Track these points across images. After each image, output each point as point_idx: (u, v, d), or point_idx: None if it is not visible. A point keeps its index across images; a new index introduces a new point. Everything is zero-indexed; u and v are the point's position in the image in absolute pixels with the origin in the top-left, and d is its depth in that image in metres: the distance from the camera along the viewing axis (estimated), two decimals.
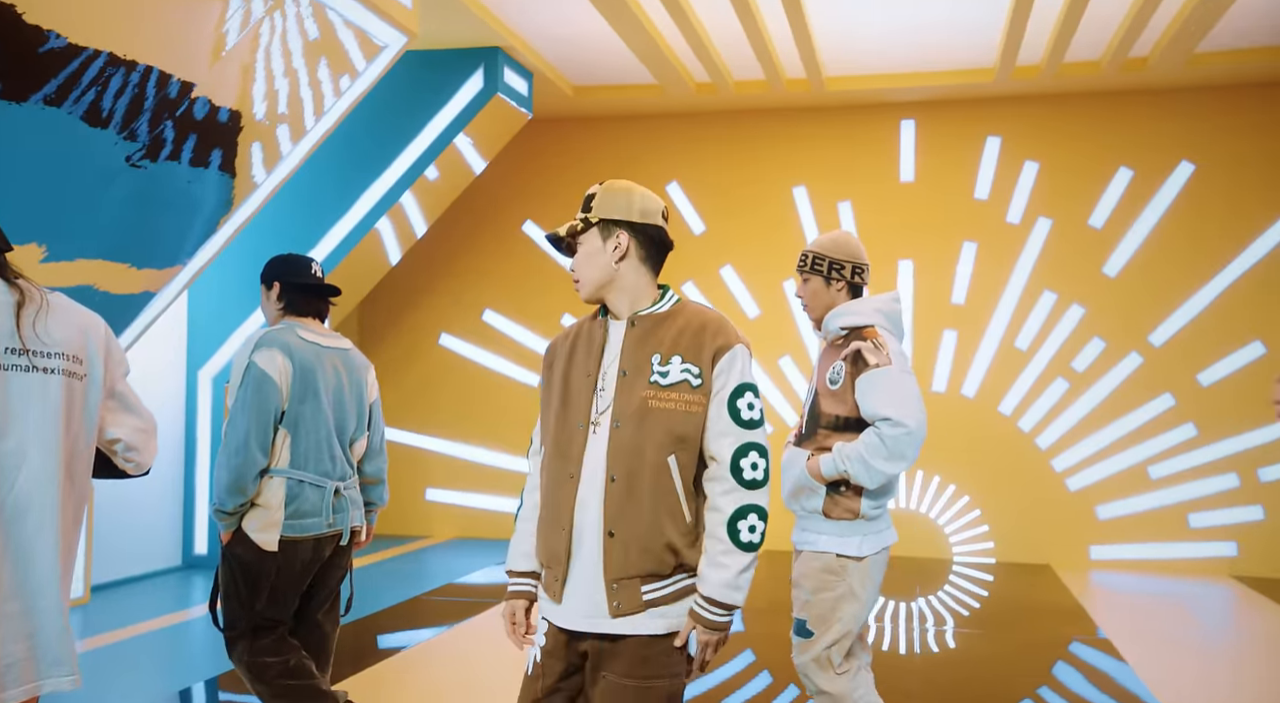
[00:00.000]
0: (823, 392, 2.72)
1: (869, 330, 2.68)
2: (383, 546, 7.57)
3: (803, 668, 2.72)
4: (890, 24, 6.13)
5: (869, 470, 2.59)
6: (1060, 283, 7.29)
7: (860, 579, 2.67)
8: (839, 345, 2.74)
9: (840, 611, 2.67)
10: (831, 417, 2.68)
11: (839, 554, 2.67)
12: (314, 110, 5.06)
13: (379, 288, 8.01)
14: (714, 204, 7.81)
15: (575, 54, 6.63)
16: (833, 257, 2.77)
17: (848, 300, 2.78)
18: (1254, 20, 5.92)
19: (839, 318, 2.74)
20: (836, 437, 2.67)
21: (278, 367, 2.80)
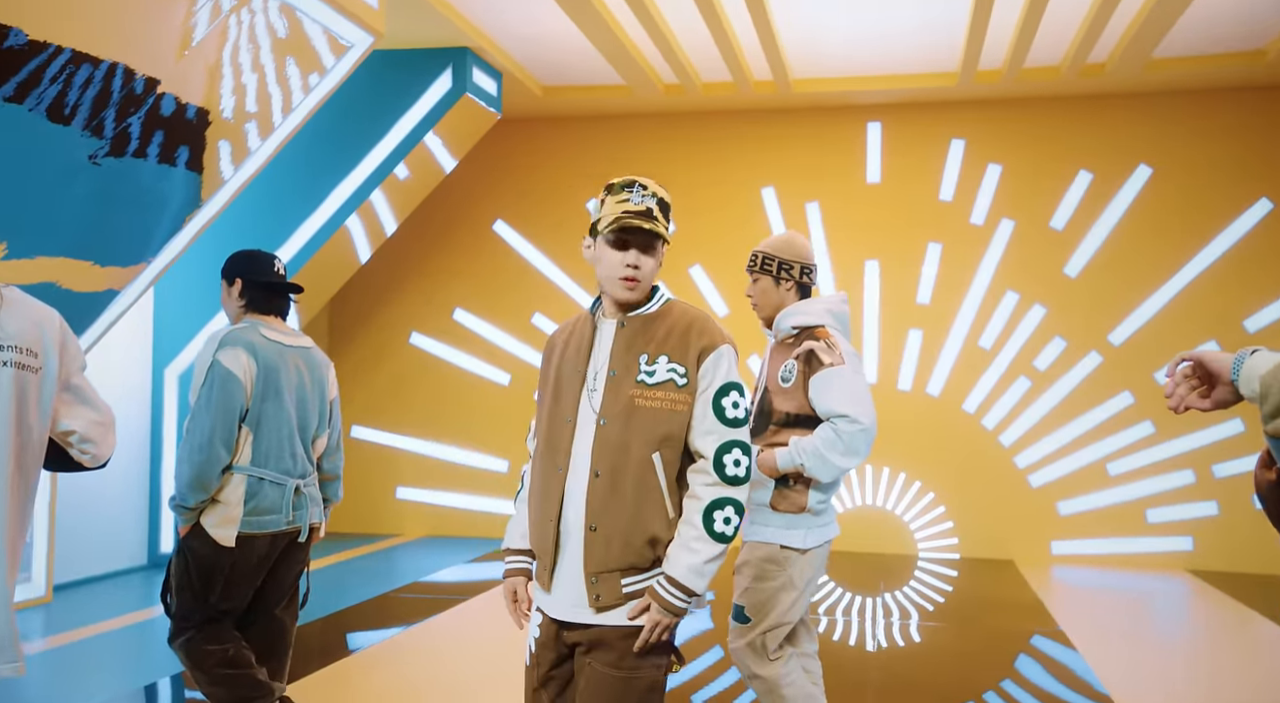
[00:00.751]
0: (774, 389, 2.79)
1: (820, 330, 2.77)
2: (353, 544, 7.57)
3: (737, 653, 2.80)
4: (855, 28, 6.22)
5: (825, 464, 2.65)
6: (1022, 283, 7.42)
7: (801, 571, 2.75)
8: (790, 344, 2.81)
9: (778, 600, 2.75)
10: (782, 413, 2.75)
11: (783, 545, 2.74)
12: (282, 107, 5.07)
13: (349, 286, 8.00)
14: (683, 204, 7.86)
15: (544, 54, 6.67)
16: (782, 257, 2.85)
17: (796, 300, 2.86)
18: (1205, 29, 6.07)
19: (791, 317, 2.82)
20: (786, 432, 2.74)
21: (242, 366, 2.82)
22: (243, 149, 5.16)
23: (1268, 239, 7.05)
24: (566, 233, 7.99)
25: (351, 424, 8.17)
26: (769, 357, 2.90)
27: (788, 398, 2.75)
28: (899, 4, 5.80)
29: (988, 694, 4.07)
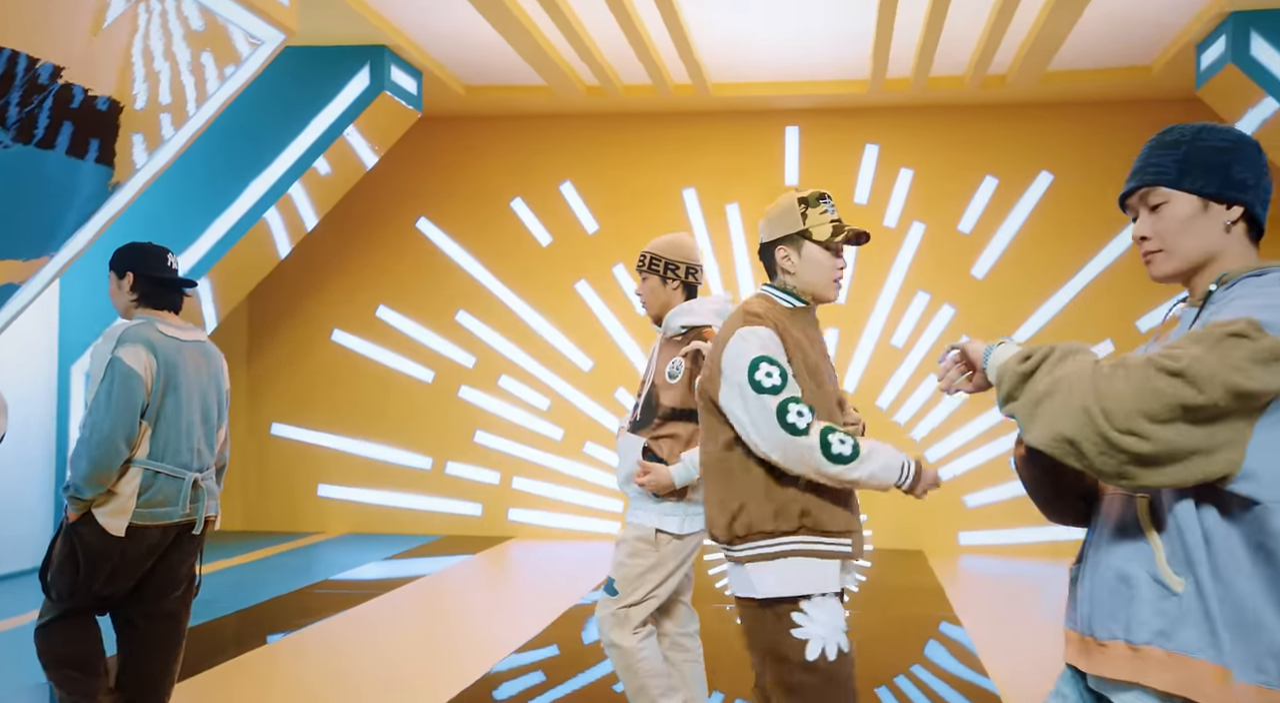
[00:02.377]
0: (660, 384, 2.94)
1: (707, 330, 2.93)
2: (273, 541, 7.50)
3: (602, 621, 2.95)
4: (771, 35, 6.41)
5: None
6: (933, 284, 7.70)
7: (673, 554, 2.91)
8: (678, 342, 2.97)
9: (646, 578, 2.91)
10: (668, 408, 2.91)
11: (658, 529, 2.91)
12: (196, 98, 5.04)
13: (270, 282, 7.93)
14: (607, 204, 7.99)
15: (464, 54, 6.72)
16: (668, 257, 3.00)
17: (683, 299, 3.02)
18: (1095, 44, 6.40)
19: (680, 317, 2.97)
20: (670, 425, 2.91)
21: (143, 363, 2.85)
22: (156, 139, 5.12)
23: None
24: (492, 231, 8.04)
25: (272, 422, 8.10)
26: (657, 352, 3.05)
27: (673, 393, 2.90)
28: (811, 13, 6.00)
29: (898, 679, 4.25)
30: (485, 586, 6.42)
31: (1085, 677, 1.48)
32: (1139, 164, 1.50)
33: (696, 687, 3.05)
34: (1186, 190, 1.45)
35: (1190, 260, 1.46)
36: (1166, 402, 1.26)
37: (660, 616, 3.09)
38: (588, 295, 7.97)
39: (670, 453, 2.92)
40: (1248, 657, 1.31)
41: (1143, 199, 1.49)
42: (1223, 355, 1.27)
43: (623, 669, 2.92)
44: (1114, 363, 1.32)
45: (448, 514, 8.02)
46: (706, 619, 5.16)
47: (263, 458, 8.11)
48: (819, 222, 2.22)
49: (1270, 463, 1.30)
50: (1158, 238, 1.47)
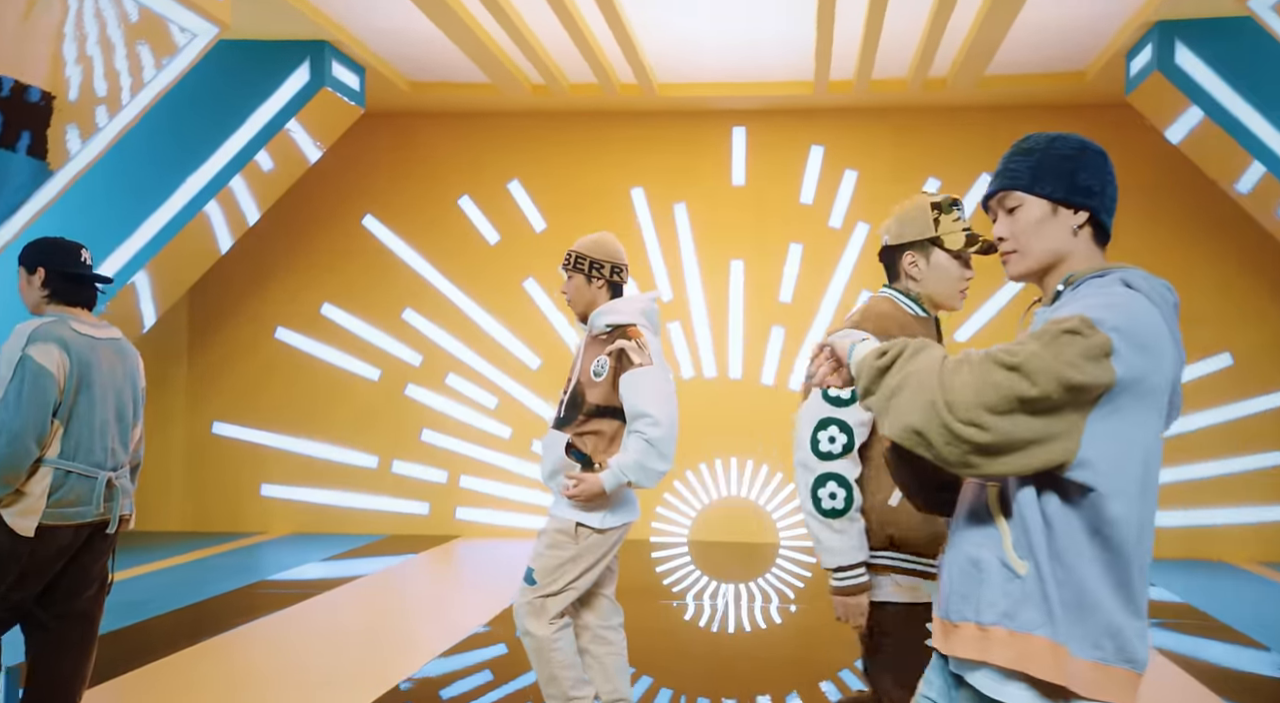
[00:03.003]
0: (585, 381, 2.98)
1: (632, 329, 2.96)
2: (213, 542, 7.40)
3: (518, 609, 2.98)
4: (716, 36, 6.46)
5: (648, 473, 2.90)
6: (877, 284, 7.76)
7: (593, 548, 2.95)
8: (603, 340, 3.00)
9: (565, 570, 2.94)
10: (592, 405, 2.95)
11: (579, 523, 2.94)
12: (131, 87, 4.97)
13: (211, 279, 7.81)
14: (555, 203, 8.00)
15: (408, 50, 6.69)
16: (593, 256, 3.04)
17: (608, 298, 3.05)
18: (1031, 50, 6.55)
19: (605, 316, 3.00)
20: (594, 422, 2.94)
21: (55, 361, 2.81)
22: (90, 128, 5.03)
23: None
24: (439, 229, 8.00)
25: (213, 421, 7.99)
26: (583, 350, 3.08)
27: (598, 391, 2.94)
28: (755, 15, 6.06)
29: (842, 673, 4.32)
30: (428, 584, 6.39)
31: (949, 660, 1.53)
32: (998, 169, 1.59)
33: (619, 679, 3.08)
34: (1038, 195, 1.53)
35: (1041, 261, 1.54)
36: (1004, 394, 1.33)
37: (582, 608, 3.11)
38: (536, 294, 7.97)
39: (594, 449, 2.96)
40: (1085, 635, 1.38)
41: (1000, 202, 1.57)
42: (1056, 351, 1.35)
43: (535, 658, 2.95)
44: (958, 358, 1.40)
45: (394, 513, 7.97)
46: (651, 615, 5.23)
47: (204, 458, 7.99)
48: (951, 229, 2.19)
49: (1104, 452, 1.37)
50: (1013, 239, 1.55)
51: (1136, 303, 1.42)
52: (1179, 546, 7.36)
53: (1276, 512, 7.29)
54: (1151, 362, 1.39)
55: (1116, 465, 1.37)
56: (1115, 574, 1.39)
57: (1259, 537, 7.30)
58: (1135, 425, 1.39)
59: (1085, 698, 1.38)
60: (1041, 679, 1.38)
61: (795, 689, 4.06)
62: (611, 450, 2.96)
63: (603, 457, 2.95)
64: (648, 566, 6.88)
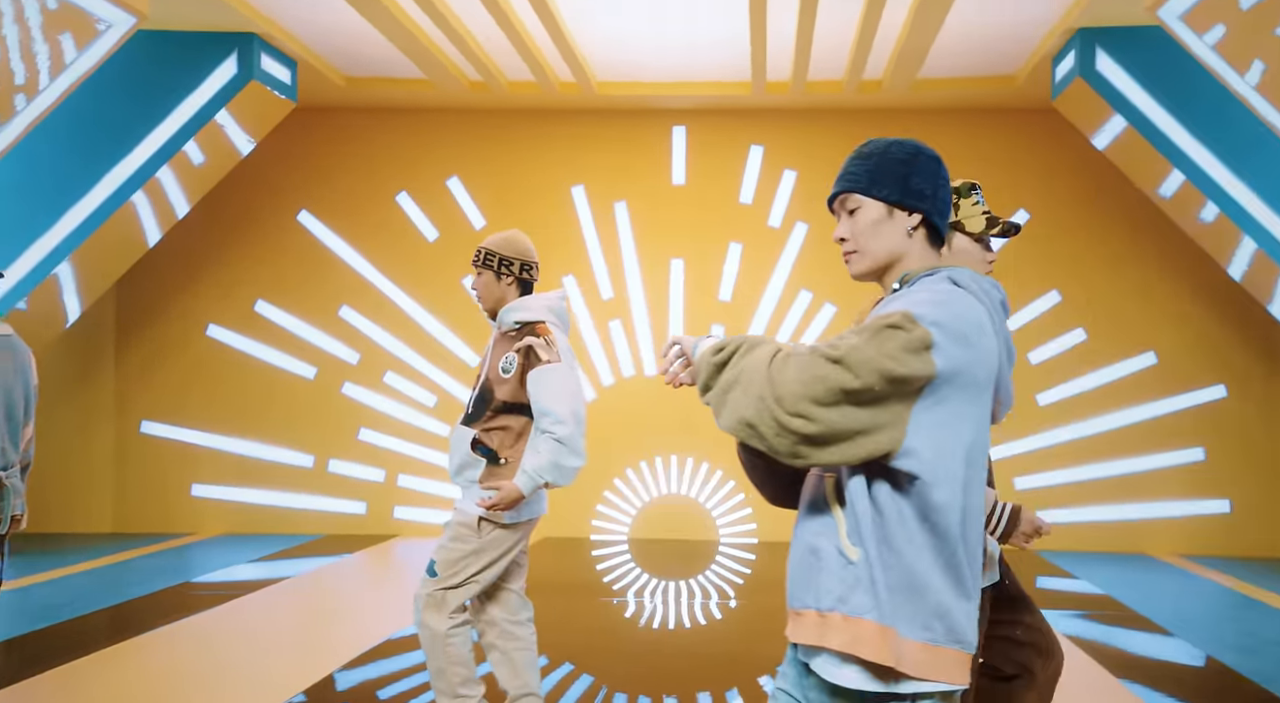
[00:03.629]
0: (494, 378, 2.98)
1: (541, 326, 2.97)
2: (142, 542, 7.24)
3: (417, 600, 2.97)
4: (654, 36, 6.47)
5: (563, 471, 2.90)
6: (815, 283, 7.91)
7: (496, 542, 2.95)
8: (512, 337, 3.00)
9: (466, 563, 2.94)
10: (500, 401, 2.95)
11: (482, 517, 2.93)
12: (50, 70, 4.84)
13: (140, 274, 7.64)
14: (495, 200, 7.95)
15: (342, 45, 6.60)
16: (503, 253, 3.04)
17: (517, 295, 3.05)
18: (962, 54, 6.67)
19: (513, 313, 3.01)
20: (502, 418, 2.95)
21: None
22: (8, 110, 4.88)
23: (1025, 247, 7.78)
24: (376, 226, 7.91)
25: (142, 420, 7.81)
26: (492, 347, 3.08)
27: (506, 387, 2.95)
28: (689, 15, 6.09)
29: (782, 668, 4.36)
30: (361, 584, 6.32)
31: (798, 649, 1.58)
32: (840, 173, 1.64)
33: (527, 674, 3.08)
34: (874, 197, 1.59)
35: (879, 260, 1.60)
36: (829, 387, 1.39)
37: (488, 603, 3.11)
38: (472, 293, 7.91)
39: (500, 445, 2.96)
40: (915, 616, 1.43)
41: (842, 204, 1.63)
42: (879, 345, 1.40)
43: (429, 651, 2.94)
44: (787, 353, 1.44)
45: (331, 513, 7.87)
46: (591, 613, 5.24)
47: (132, 457, 7.81)
48: (971, 213, 2.20)
49: (928, 441, 1.43)
50: (853, 239, 1.61)
51: (960, 299, 1.48)
52: (1104, 539, 7.56)
53: (1197, 506, 7.53)
54: (973, 355, 1.45)
55: (940, 454, 1.43)
56: (943, 558, 1.44)
57: (1181, 530, 7.53)
58: (958, 416, 1.44)
59: (917, 678, 1.43)
60: (872, 662, 1.42)
61: (735, 686, 4.10)
62: (519, 447, 2.96)
63: (509, 452, 2.95)
64: (588, 564, 6.89)
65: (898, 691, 1.44)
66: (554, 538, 7.73)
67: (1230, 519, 7.48)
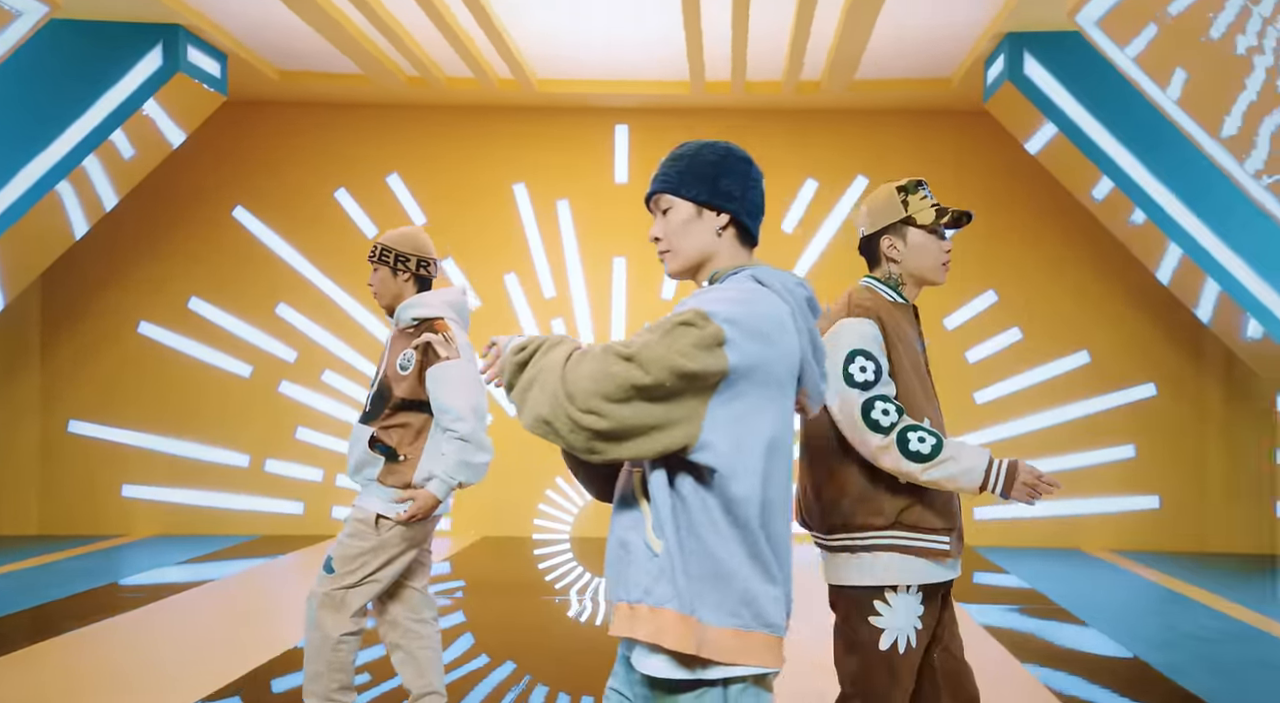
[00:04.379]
0: (392, 375, 2.94)
1: (439, 322, 2.94)
2: (69, 544, 7.07)
3: (313, 599, 2.92)
4: (589, 33, 6.45)
5: (473, 469, 2.88)
6: None
7: (395, 540, 2.92)
8: (410, 334, 2.97)
9: (364, 561, 2.91)
10: (398, 399, 2.92)
11: (380, 514, 2.91)
12: None
13: (67, 268, 7.45)
14: (436, 197, 7.88)
15: (275, 39, 6.50)
16: (399, 249, 3.00)
17: (415, 291, 3.02)
18: (898, 56, 6.73)
19: (411, 309, 2.97)
20: (400, 415, 2.91)
21: None
22: None
23: (964, 247, 7.84)
24: (314, 222, 7.80)
25: (69, 419, 7.63)
26: (390, 344, 3.04)
27: (404, 385, 2.91)
28: (625, 14, 6.08)
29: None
30: (292, 584, 6.23)
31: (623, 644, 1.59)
32: (654, 174, 1.67)
33: (431, 673, 3.05)
34: (684, 198, 1.62)
35: (691, 259, 1.63)
36: (619, 384, 1.41)
37: (390, 602, 3.08)
38: None
39: (400, 442, 2.92)
40: (722, 604, 1.45)
41: (656, 205, 1.65)
42: (670, 342, 1.43)
43: (313, 652, 2.89)
44: (583, 351, 1.46)
45: (267, 513, 7.75)
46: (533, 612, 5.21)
47: (59, 457, 7.63)
48: (920, 207, 2.26)
49: (726, 435, 1.45)
50: (666, 239, 1.64)
51: (760, 297, 1.51)
52: (1039, 535, 7.69)
53: (1129, 502, 7.68)
54: (771, 351, 1.48)
55: (738, 448, 1.45)
56: (747, 547, 1.46)
57: (1113, 526, 7.67)
58: (757, 410, 1.47)
59: (725, 663, 1.46)
60: (676, 650, 1.44)
61: None
62: (418, 444, 2.92)
63: (408, 449, 2.91)
64: (529, 563, 6.85)
65: (706, 676, 1.46)
66: (495, 537, 7.68)
67: (1160, 515, 7.65)
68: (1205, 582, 6.34)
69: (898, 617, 2.12)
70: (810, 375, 1.58)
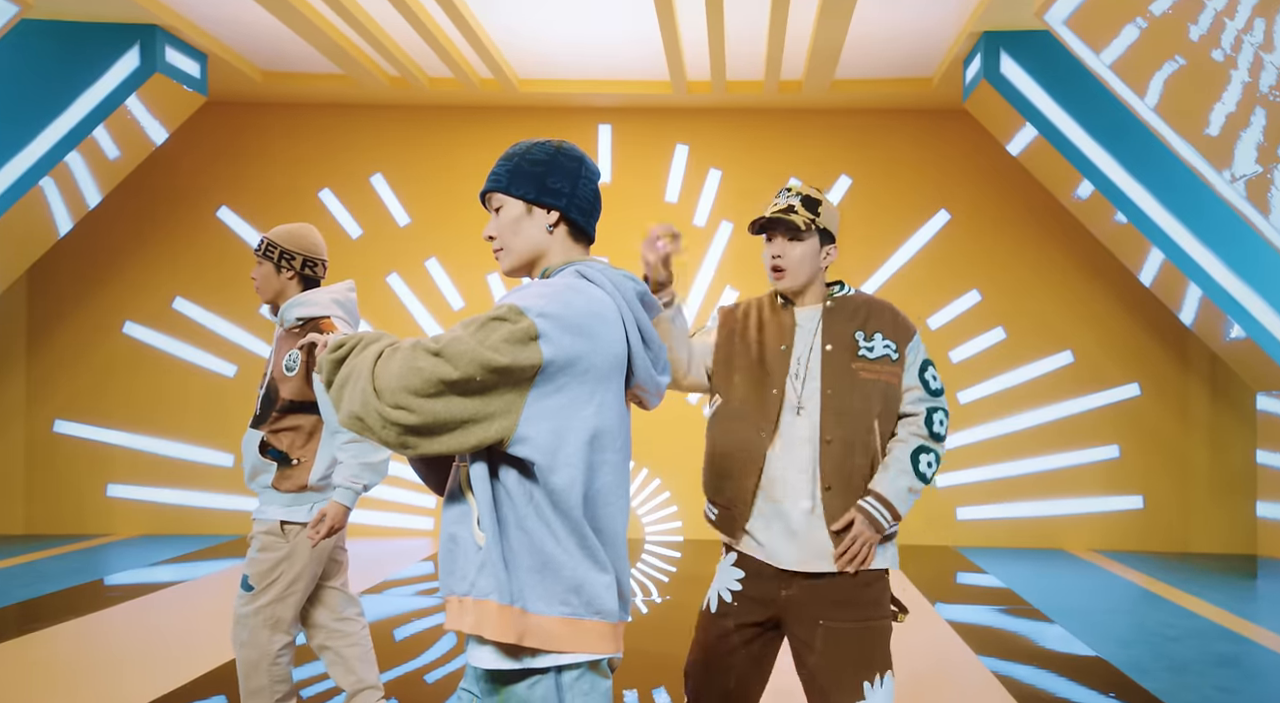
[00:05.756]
0: (278, 377, 2.89)
1: (325, 322, 2.88)
2: (52, 544, 7.11)
3: (244, 619, 2.88)
4: (569, 34, 6.46)
5: (375, 469, 2.83)
6: (741, 281, 7.95)
7: (305, 543, 2.88)
8: (296, 334, 2.91)
9: (281, 571, 2.88)
10: (286, 401, 2.86)
11: (284, 521, 2.87)
12: None
13: (53, 269, 7.50)
14: (419, 197, 7.91)
15: (256, 40, 6.52)
16: (284, 246, 2.94)
17: (298, 289, 2.95)
18: (878, 56, 6.72)
19: (295, 308, 2.90)
20: (289, 418, 2.86)
21: None
22: None
23: (947, 246, 7.89)
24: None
25: (54, 419, 7.68)
26: (276, 345, 2.98)
27: (290, 385, 2.85)
28: (602, 14, 6.08)
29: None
30: None
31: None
32: (490, 173, 1.68)
33: (362, 669, 3.04)
34: (514, 196, 1.64)
35: (523, 256, 1.66)
36: (426, 378, 1.42)
37: (311, 606, 3.06)
38: (399, 288, 7.88)
39: (291, 446, 2.86)
40: (551, 593, 1.48)
41: (489, 202, 1.67)
42: (482, 336, 1.45)
43: (250, 670, 2.87)
44: (393, 347, 1.47)
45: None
46: None
47: (44, 457, 7.67)
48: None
49: (543, 428, 1.47)
50: (499, 237, 1.66)
51: (580, 292, 1.53)
52: (1023, 536, 7.68)
53: (1112, 502, 7.67)
54: (588, 344, 1.50)
55: (558, 440, 1.47)
56: (574, 538, 1.48)
57: (1097, 526, 7.67)
58: (579, 403, 1.49)
59: (556, 651, 1.48)
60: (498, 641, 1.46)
61: (662, 683, 4.09)
62: (310, 446, 2.86)
63: (300, 452, 2.86)
64: None
65: (535, 665, 1.48)
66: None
67: (1143, 515, 7.63)
68: (1184, 582, 6.33)
69: (716, 579, 2.30)
70: (642, 368, 1.60)
